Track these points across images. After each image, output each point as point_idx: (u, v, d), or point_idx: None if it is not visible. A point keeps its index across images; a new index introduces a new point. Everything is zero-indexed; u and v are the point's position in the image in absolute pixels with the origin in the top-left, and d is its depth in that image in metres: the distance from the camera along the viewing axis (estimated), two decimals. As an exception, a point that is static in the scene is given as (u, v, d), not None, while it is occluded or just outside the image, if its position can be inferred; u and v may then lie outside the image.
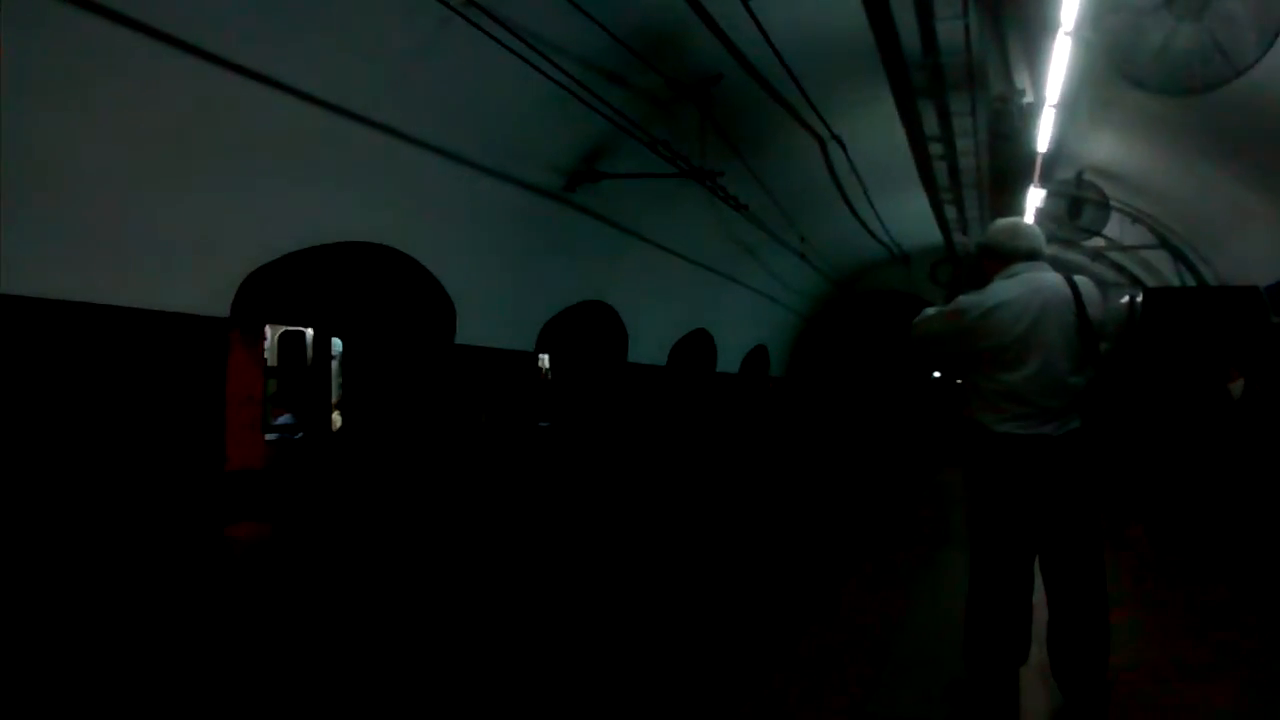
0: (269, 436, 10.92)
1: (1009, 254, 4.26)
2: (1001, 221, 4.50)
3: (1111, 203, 14.45)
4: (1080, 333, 4.05)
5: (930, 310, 4.41)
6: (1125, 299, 11.03)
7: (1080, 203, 14.68)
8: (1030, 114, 8.17)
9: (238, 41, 6.54)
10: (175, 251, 6.80)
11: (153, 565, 6.67)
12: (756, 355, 24.14)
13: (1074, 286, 4.14)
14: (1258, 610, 6.20)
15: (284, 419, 11.59)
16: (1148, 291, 12.03)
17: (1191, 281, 14.96)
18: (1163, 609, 6.24)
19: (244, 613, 7.42)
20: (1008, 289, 4.14)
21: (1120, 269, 18.41)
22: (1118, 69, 6.54)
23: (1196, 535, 8.43)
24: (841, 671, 4.87)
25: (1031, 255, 4.25)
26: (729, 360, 21.92)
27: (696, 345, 19.61)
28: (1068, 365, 4.04)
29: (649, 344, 16.53)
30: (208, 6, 6.23)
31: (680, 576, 10.33)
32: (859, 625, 5.85)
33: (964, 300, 4.19)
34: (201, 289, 7.06)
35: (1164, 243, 15.23)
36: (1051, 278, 4.19)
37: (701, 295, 18.11)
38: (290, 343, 11.79)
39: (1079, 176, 14.47)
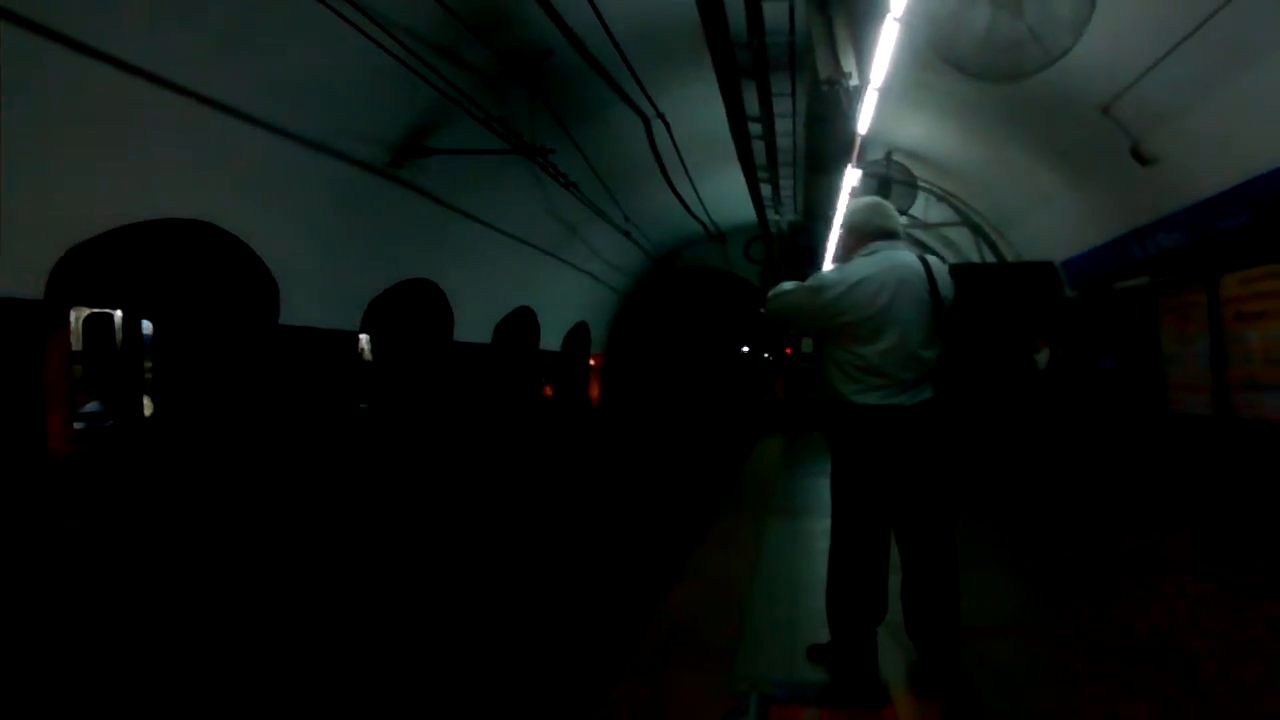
0: (76, 425, 10.26)
1: (870, 232, 4.44)
2: (862, 200, 4.65)
3: (918, 183, 15.16)
4: (933, 309, 4.25)
5: (787, 284, 4.52)
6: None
7: (888, 182, 15.32)
8: (854, 97, 8.47)
9: (50, 5, 6.10)
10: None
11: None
12: (578, 332, 24.23)
13: (926, 265, 4.34)
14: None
15: (91, 406, 10.92)
16: (951, 268, 12.69)
17: (992, 258, 15.84)
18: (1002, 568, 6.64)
19: (69, 603, 6.99)
20: (867, 265, 4.30)
21: (924, 246, 19.31)
22: (940, 54, 6.86)
23: (1015, 493, 9.04)
24: (705, 634, 4.99)
25: (889, 234, 4.43)
26: (551, 338, 21.92)
27: (520, 323, 19.53)
28: (920, 338, 4.23)
29: (474, 322, 16.34)
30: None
31: (512, 551, 10.32)
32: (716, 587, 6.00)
33: (826, 275, 4.33)
34: (13, 270, 6.56)
35: (966, 221, 16.06)
36: (907, 256, 4.37)
37: (526, 273, 18.02)
38: (97, 325, 11.09)
39: (888, 157, 15.11)
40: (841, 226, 4.82)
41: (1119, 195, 10.53)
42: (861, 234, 4.45)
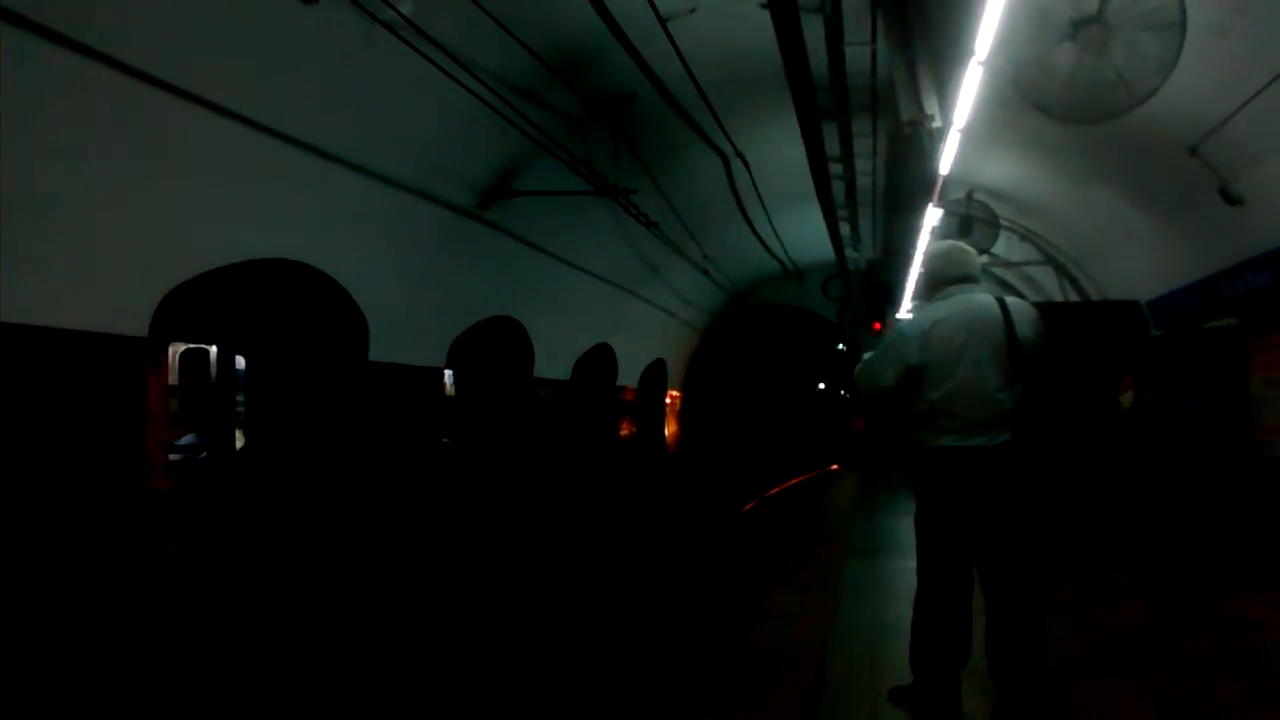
0: (172, 457, 10.61)
1: (945, 279, 4.50)
2: (939, 246, 4.72)
3: (1000, 221, 15.04)
4: (1009, 350, 4.28)
5: (867, 354, 4.58)
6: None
7: (970, 220, 15.24)
8: (937, 137, 8.51)
9: (159, 55, 6.42)
10: (94, 269, 6.62)
11: (82, 591, 6.48)
12: (655, 368, 24.36)
13: (1004, 305, 4.38)
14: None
15: (187, 439, 11.27)
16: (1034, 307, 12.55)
17: (1075, 296, 15.62)
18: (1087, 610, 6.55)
19: (169, 634, 7.25)
20: (940, 309, 4.37)
21: (1005, 284, 19.11)
22: (1025, 96, 6.88)
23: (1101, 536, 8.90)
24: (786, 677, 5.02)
25: (965, 279, 4.49)
26: (629, 373, 22.07)
27: (599, 359, 19.73)
28: (997, 381, 4.26)
29: (554, 358, 16.57)
30: (129, 19, 6.10)
31: (595, 584, 10.41)
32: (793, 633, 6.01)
33: (903, 326, 4.42)
34: (120, 308, 6.88)
35: (1049, 259, 15.87)
36: (983, 298, 4.41)
37: (605, 310, 18.23)
38: (193, 361, 11.48)
39: (969, 196, 15.01)
40: (920, 271, 4.89)
41: (1206, 235, 10.37)
42: (938, 280, 4.52)
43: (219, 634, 7.81)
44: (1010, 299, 4.46)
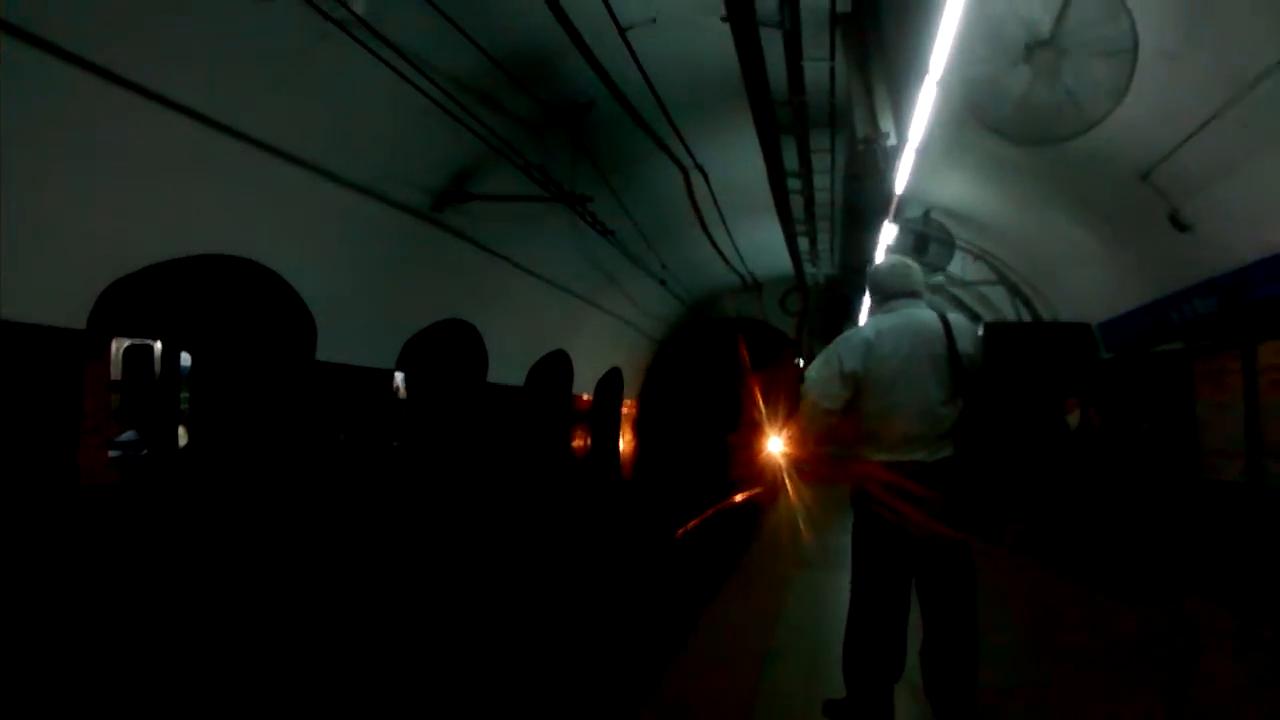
0: (112, 453, 10.42)
1: (889, 292, 4.50)
2: (883, 261, 4.73)
3: (956, 241, 15.16)
4: (950, 365, 4.28)
5: (811, 370, 4.54)
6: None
7: (925, 239, 15.34)
8: (891, 155, 8.55)
9: (102, 44, 6.29)
10: (30, 260, 6.46)
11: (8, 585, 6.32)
12: (611, 377, 24.31)
13: (946, 321, 4.38)
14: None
15: (128, 435, 11.09)
16: (987, 326, 12.64)
17: (1027, 316, 15.77)
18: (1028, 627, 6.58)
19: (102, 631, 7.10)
20: (885, 321, 4.38)
21: (959, 303, 19.26)
22: (978, 117, 6.94)
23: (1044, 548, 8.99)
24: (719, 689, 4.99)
25: (909, 293, 4.49)
26: (584, 382, 22.01)
27: (554, 366, 19.65)
28: (939, 395, 4.26)
29: (509, 364, 16.47)
30: (66, 5, 5.97)
31: (542, 592, 10.33)
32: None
33: (840, 340, 4.41)
34: (57, 300, 6.72)
35: (1002, 279, 16.01)
36: (925, 314, 4.42)
37: (561, 317, 18.16)
38: (137, 356, 11.29)
39: (926, 214, 15.12)
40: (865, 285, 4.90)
41: (1156, 260, 10.51)
42: (882, 293, 4.52)
43: (157, 631, 7.66)
44: (952, 315, 4.47)
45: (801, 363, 27.14)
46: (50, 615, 6.75)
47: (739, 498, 19.92)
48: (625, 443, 26.35)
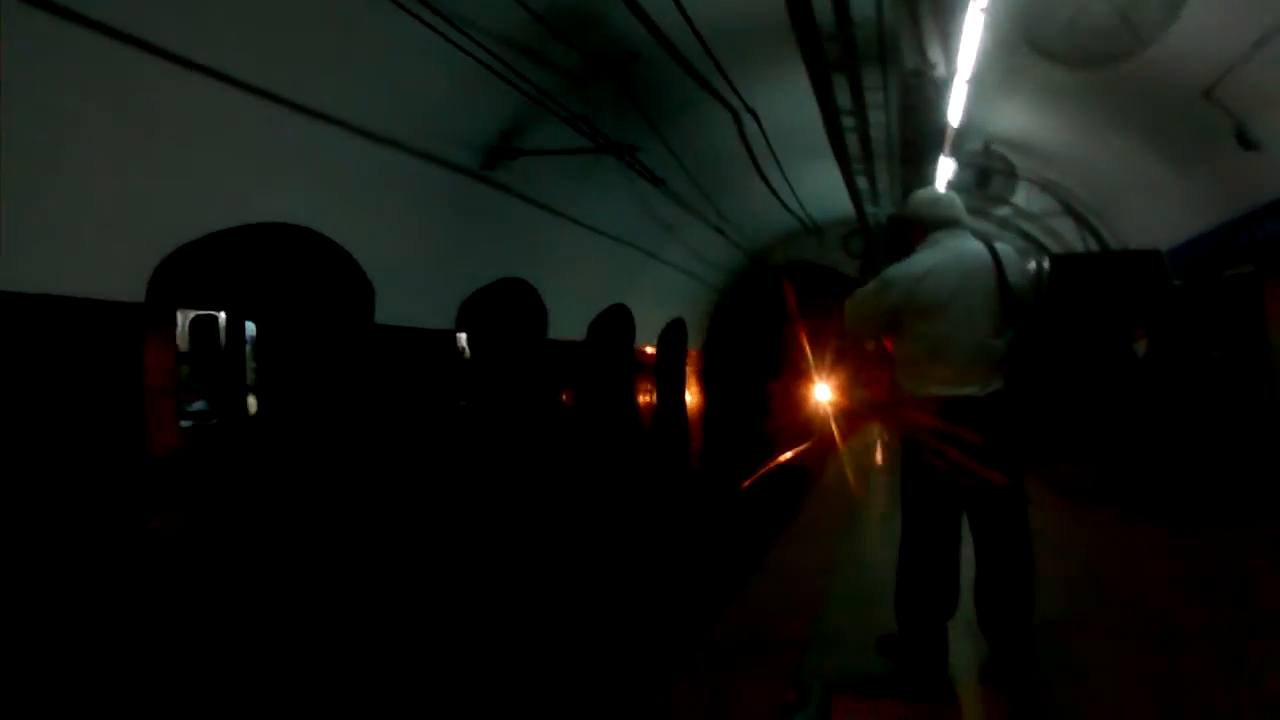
0: (183, 423, 10.69)
1: (930, 223, 4.40)
2: (921, 192, 4.62)
3: (1018, 172, 14.83)
4: (1001, 296, 4.18)
5: (858, 291, 4.50)
6: (1032, 265, 11.32)
7: (988, 173, 15.04)
8: (943, 87, 8.35)
9: (155, 21, 6.38)
10: (89, 234, 6.61)
11: (79, 558, 6.52)
12: (674, 328, 24.26)
13: (994, 251, 4.28)
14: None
15: (198, 405, 11.36)
16: (1054, 257, 12.37)
17: (1095, 247, 15.40)
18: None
19: (171, 603, 7.30)
20: (931, 256, 4.27)
21: (1027, 236, 18.87)
22: (1029, 40, 6.74)
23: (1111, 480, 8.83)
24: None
25: (951, 223, 4.38)
26: (647, 334, 22.00)
27: (615, 320, 19.65)
28: (990, 328, 4.17)
29: (568, 319, 16.51)
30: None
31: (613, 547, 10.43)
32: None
33: (890, 273, 4.31)
34: (115, 273, 6.87)
35: (1069, 210, 15.64)
36: (972, 244, 4.32)
37: (620, 270, 18.13)
38: (202, 327, 11.54)
39: (986, 147, 14.80)
40: (895, 221, 4.80)
41: (1224, 181, 10.17)
42: (921, 225, 4.42)
43: (228, 604, 7.86)
44: (999, 244, 4.37)
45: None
46: (129, 581, 6.96)
47: (788, 455, 19.90)
48: (691, 394, 26.33)
